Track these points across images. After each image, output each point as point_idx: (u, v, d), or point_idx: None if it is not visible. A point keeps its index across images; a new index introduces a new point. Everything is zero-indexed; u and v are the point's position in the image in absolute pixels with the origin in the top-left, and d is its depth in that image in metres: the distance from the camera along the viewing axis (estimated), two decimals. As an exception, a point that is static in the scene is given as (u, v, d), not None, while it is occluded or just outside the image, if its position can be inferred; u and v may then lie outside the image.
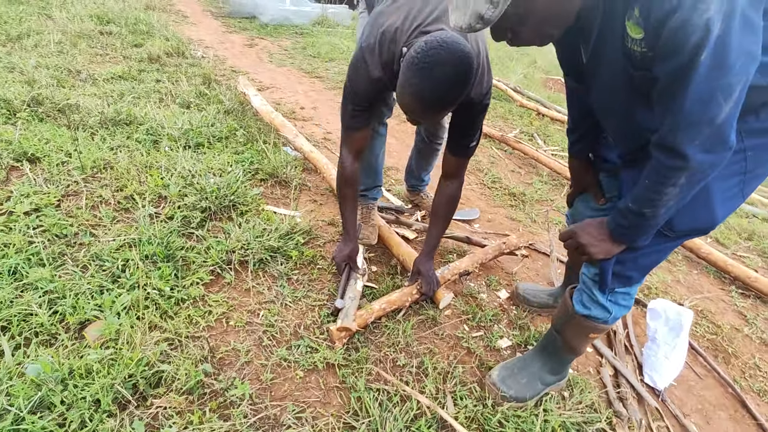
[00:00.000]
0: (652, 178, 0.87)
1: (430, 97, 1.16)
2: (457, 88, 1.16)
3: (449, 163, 1.57)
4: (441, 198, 1.62)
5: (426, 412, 1.27)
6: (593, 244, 1.07)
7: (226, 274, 1.67)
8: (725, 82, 0.73)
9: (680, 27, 0.71)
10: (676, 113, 0.78)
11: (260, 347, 1.43)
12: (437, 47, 1.11)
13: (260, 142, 2.54)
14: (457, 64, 1.12)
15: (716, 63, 0.72)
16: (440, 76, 1.12)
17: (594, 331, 1.27)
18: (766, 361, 1.76)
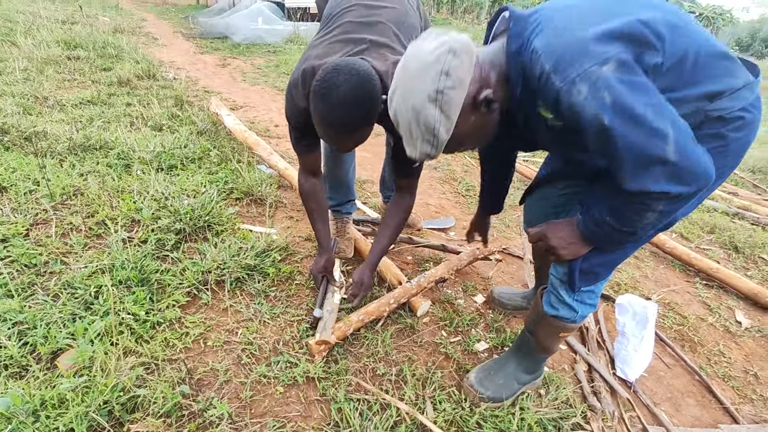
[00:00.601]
0: (628, 205, 0.93)
1: (334, 122, 1.18)
2: (358, 108, 1.17)
3: (398, 182, 1.61)
4: (391, 209, 1.62)
5: (405, 418, 1.29)
6: (563, 246, 1.12)
7: (203, 294, 1.67)
8: (648, 128, 0.81)
9: (569, 110, 0.85)
10: (625, 164, 0.85)
11: (239, 365, 1.43)
12: (331, 71, 1.15)
13: (234, 162, 2.56)
14: (354, 85, 1.14)
15: (625, 120, 0.81)
16: (337, 99, 1.14)
17: (564, 331, 1.32)
18: (729, 347, 1.85)
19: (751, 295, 2.14)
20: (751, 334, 1.94)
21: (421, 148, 0.99)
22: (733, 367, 1.75)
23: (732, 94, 0.92)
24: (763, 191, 3.59)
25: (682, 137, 0.83)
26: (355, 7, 1.49)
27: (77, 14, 7.43)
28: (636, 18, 0.84)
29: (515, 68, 0.94)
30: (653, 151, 0.82)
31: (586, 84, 0.81)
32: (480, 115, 0.98)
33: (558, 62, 0.84)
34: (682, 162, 0.83)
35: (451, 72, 0.90)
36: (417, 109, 0.94)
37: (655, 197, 0.87)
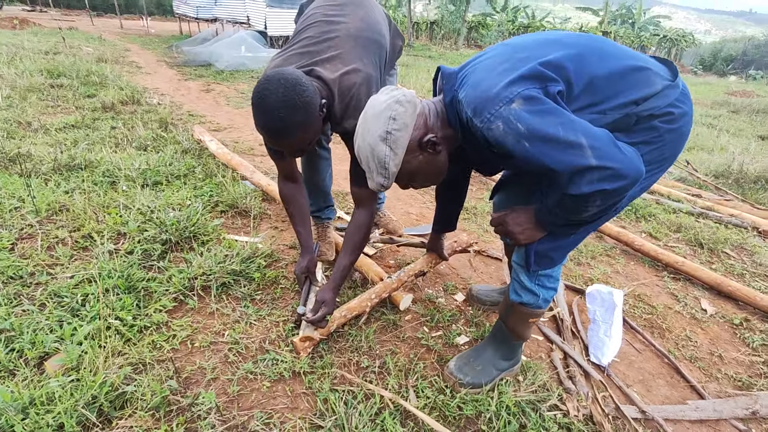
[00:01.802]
0: (571, 202, 1.04)
1: (272, 127, 1.27)
2: (289, 114, 1.24)
3: (354, 193, 1.61)
4: (350, 228, 1.62)
5: (389, 404, 1.34)
6: (519, 231, 1.23)
7: (189, 300, 1.71)
8: (564, 143, 0.94)
9: (496, 143, 1.02)
10: (560, 176, 0.99)
11: (226, 364, 1.47)
12: (264, 82, 1.24)
13: (219, 176, 2.63)
14: (282, 93, 1.22)
15: (542, 141, 0.96)
16: (270, 106, 1.23)
17: (531, 316, 1.41)
18: (695, 332, 1.95)
19: (714, 285, 2.26)
20: (716, 320, 2.05)
21: (377, 179, 1.19)
22: (699, 350, 1.84)
23: (655, 95, 1.06)
24: (725, 193, 3.79)
25: (598, 142, 0.95)
26: (317, 23, 1.59)
27: (60, 45, 7.53)
28: (537, 62, 1.02)
29: (452, 115, 1.15)
30: (576, 161, 0.95)
31: (500, 120, 0.98)
32: (426, 155, 1.17)
33: (475, 109, 1.03)
34: (605, 163, 0.95)
35: (397, 117, 1.11)
36: (372, 146, 1.14)
37: (593, 196, 0.99)
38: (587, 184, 0.97)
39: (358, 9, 1.65)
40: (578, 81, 1.04)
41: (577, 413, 1.43)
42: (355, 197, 1.63)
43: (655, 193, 3.66)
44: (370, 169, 1.19)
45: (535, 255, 1.27)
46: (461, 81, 1.12)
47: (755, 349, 1.88)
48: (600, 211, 1.06)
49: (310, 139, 1.36)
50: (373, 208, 1.65)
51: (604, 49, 1.10)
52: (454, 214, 1.80)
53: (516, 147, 0.99)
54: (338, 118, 1.45)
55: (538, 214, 1.20)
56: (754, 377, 1.72)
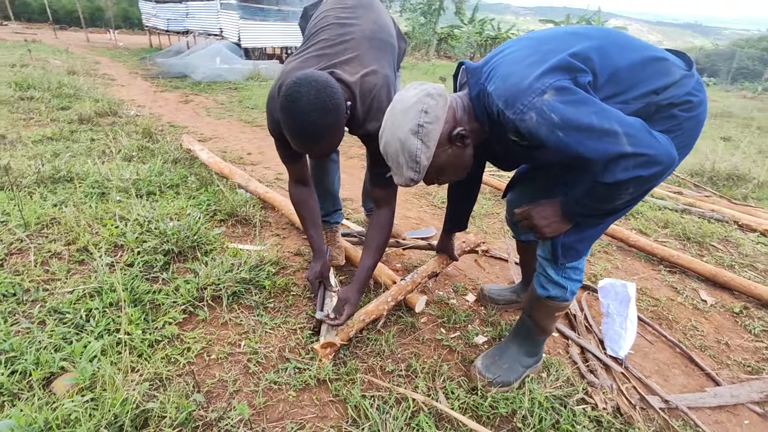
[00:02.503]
0: (605, 190, 1.05)
1: (302, 130, 1.24)
2: (319, 117, 1.22)
3: (374, 194, 1.61)
4: (372, 228, 1.62)
5: (423, 407, 1.31)
6: (545, 224, 1.24)
7: (200, 311, 1.64)
8: (599, 131, 0.95)
9: (530, 134, 1.02)
10: (595, 165, 0.99)
11: (247, 375, 1.40)
12: (293, 85, 1.21)
13: (215, 185, 2.55)
14: (313, 97, 1.20)
15: (576, 131, 0.96)
16: (299, 111, 1.21)
17: (558, 310, 1.41)
18: (700, 322, 2.01)
19: (710, 277, 2.35)
20: (716, 309, 2.12)
21: (407, 174, 1.18)
22: (706, 339, 1.90)
23: (673, 84, 1.09)
24: (703, 190, 3.97)
25: (632, 130, 0.97)
26: (331, 26, 1.58)
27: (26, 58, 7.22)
28: (566, 53, 1.03)
29: (479, 109, 1.16)
30: (611, 149, 0.96)
31: (534, 111, 0.99)
32: (455, 148, 1.17)
33: (507, 101, 1.03)
34: (640, 150, 0.96)
35: (429, 110, 1.11)
36: (402, 141, 1.13)
37: (628, 183, 1.00)
38: (623, 171, 0.98)
39: (369, 12, 1.65)
40: (602, 72, 1.06)
41: (605, 405, 1.44)
42: (375, 198, 1.62)
43: (639, 192, 3.79)
44: (399, 164, 1.17)
45: (562, 248, 1.28)
46: (488, 75, 1.12)
47: (757, 335, 1.95)
48: (632, 198, 1.07)
49: (337, 141, 1.34)
50: (393, 208, 1.64)
51: (624, 41, 1.12)
52: (465, 213, 1.80)
53: (550, 137, 1.00)
54: (361, 120, 1.43)
55: (564, 207, 1.21)
56: (761, 362, 1.78)
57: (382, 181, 1.56)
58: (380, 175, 1.53)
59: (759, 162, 5.00)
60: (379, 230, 1.61)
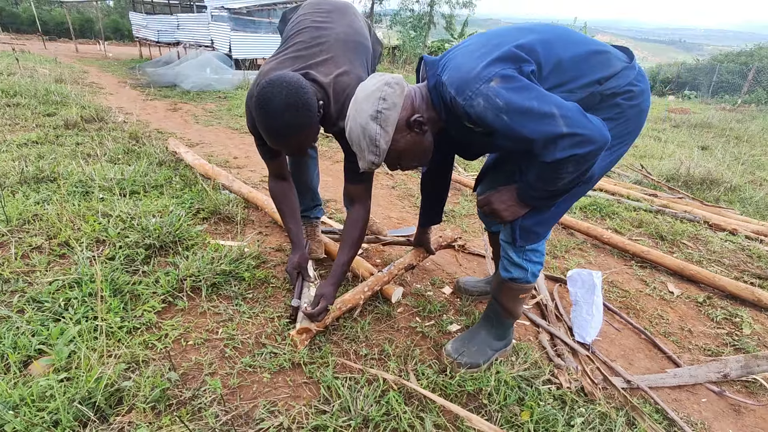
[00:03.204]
0: (548, 171, 1.13)
1: (274, 129, 1.31)
2: (291, 116, 1.29)
3: (349, 189, 1.66)
4: (348, 224, 1.66)
5: (393, 386, 1.36)
6: (504, 208, 1.32)
7: (179, 301, 1.67)
8: (538, 114, 1.04)
9: (478, 119, 1.09)
10: (536, 145, 1.08)
11: (223, 359, 1.44)
12: (266, 86, 1.29)
13: (199, 185, 2.60)
14: (285, 96, 1.27)
15: (519, 114, 1.05)
16: (273, 110, 1.28)
17: (521, 292, 1.48)
18: (666, 311, 2.09)
19: (678, 270, 2.44)
20: (682, 300, 2.21)
21: (368, 158, 1.25)
22: (671, 326, 1.98)
23: (615, 75, 1.19)
24: (677, 192, 4.10)
25: (568, 113, 1.05)
26: (307, 29, 1.66)
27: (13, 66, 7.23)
28: (512, 45, 1.12)
29: (436, 98, 1.24)
30: (550, 130, 1.04)
31: (481, 97, 1.07)
32: (414, 134, 1.25)
33: (458, 88, 1.11)
34: (574, 130, 1.05)
35: (386, 97, 1.20)
36: (363, 126, 1.21)
37: (567, 161, 1.08)
38: (561, 150, 1.06)
39: (343, 16, 1.74)
40: (547, 63, 1.15)
41: (569, 385, 1.50)
42: (350, 194, 1.67)
43: (616, 194, 3.90)
44: (362, 148, 1.25)
45: (521, 230, 1.36)
46: (443, 66, 1.21)
47: (719, 322, 2.03)
48: (574, 178, 1.13)
49: (311, 139, 1.41)
50: (368, 204, 1.69)
51: (568, 36, 1.22)
52: (439, 205, 1.88)
53: (496, 121, 1.08)
54: (334, 118, 1.50)
55: (519, 191, 1.29)
56: (720, 346, 1.86)
57: (355, 177, 1.63)
58: (353, 171, 1.60)
59: (732, 167, 5.17)
60: (354, 226, 1.66)
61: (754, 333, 1.96)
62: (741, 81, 15.14)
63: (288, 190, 1.78)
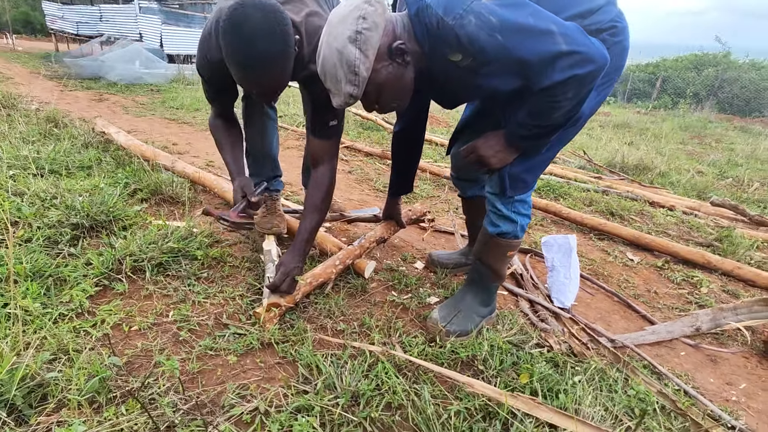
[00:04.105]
0: (544, 100, 1.05)
1: (249, 57, 1.10)
2: (272, 39, 1.11)
3: (313, 147, 1.48)
4: (311, 188, 1.49)
5: (381, 358, 1.21)
6: (492, 154, 1.23)
7: (117, 284, 1.41)
8: (536, 31, 0.96)
9: (469, 41, 1.00)
10: (532, 68, 1.00)
11: (177, 343, 1.22)
12: (237, 6, 1.08)
13: (135, 164, 2.28)
14: (263, 16, 1.08)
15: (515, 32, 0.97)
16: (247, 34, 1.07)
17: (509, 248, 1.41)
18: (631, 276, 2.13)
19: (633, 240, 2.52)
20: (643, 265, 2.27)
21: (345, 89, 1.08)
22: (638, 289, 2.01)
23: (598, 11, 1.15)
24: (618, 175, 4.36)
25: (568, 30, 0.99)
26: None
27: None
28: None
29: (419, 27, 1.09)
30: (548, 48, 0.97)
31: (472, 15, 0.98)
32: (396, 66, 1.11)
33: (446, 7, 1.01)
34: (575, 48, 0.98)
35: (367, 16, 1.04)
36: (340, 50, 1.05)
37: (566, 84, 1.00)
38: (560, 71, 0.98)
39: None
40: None
41: (559, 347, 1.44)
42: (314, 152, 1.50)
43: (564, 177, 4.05)
44: (338, 79, 1.08)
45: (510, 178, 1.27)
46: None
47: (679, 284, 2.11)
48: (572, 107, 1.06)
49: (286, 78, 1.22)
50: (334, 164, 1.53)
51: None
52: (411, 172, 1.77)
53: (489, 41, 0.98)
54: (305, 61, 1.33)
55: (507, 134, 1.20)
56: (685, 304, 1.92)
57: (323, 131, 1.46)
58: (321, 123, 1.45)
59: (658, 158, 5.62)
60: (318, 189, 1.47)
61: (710, 291, 2.05)
62: (650, 89, 16.74)
63: (231, 124, 1.60)
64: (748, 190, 4.62)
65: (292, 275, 1.37)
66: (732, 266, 2.24)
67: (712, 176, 4.98)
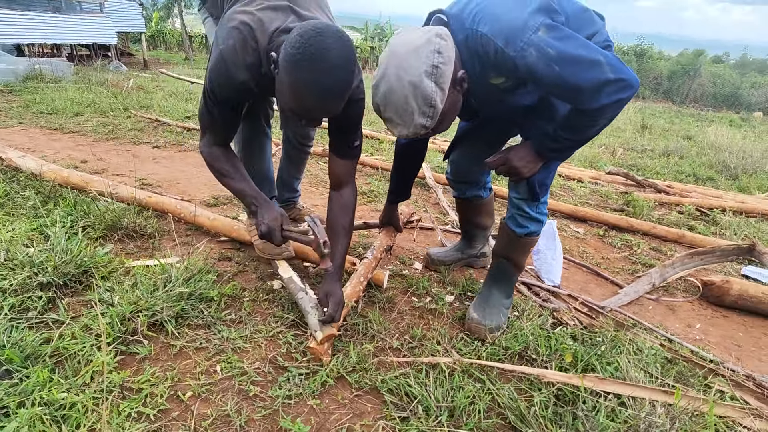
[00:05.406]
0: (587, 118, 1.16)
1: (329, 87, 1.07)
2: (349, 69, 1.09)
3: (337, 168, 1.46)
4: (337, 210, 1.46)
5: (455, 367, 1.26)
6: (523, 165, 1.35)
7: (136, 347, 1.21)
8: (587, 62, 1.07)
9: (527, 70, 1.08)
10: (583, 93, 1.09)
11: (249, 399, 1.11)
12: (315, 35, 1.03)
13: (71, 197, 1.91)
14: (342, 47, 1.06)
15: (570, 63, 1.06)
16: (331, 64, 1.04)
17: (532, 245, 1.56)
18: (584, 247, 2.48)
19: (571, 213, 2.92)
20: (589, 236, 2.66)
21: (418, 121, 1.11)
22: (594, 258, 2.36)
23: (597, 32, 1.32)
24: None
25: (611, 59, 1.13)
26: None
27: None
28: None
29: (466, 52, 1.16)
30: (599, 76, 1.09)
31: (533, 48, 1.06)
32: (455, 93, 1.17)
33: (507, 38, 1.08)
34: (620, 75, 1.12)
35: (442, 50, 1.08)
36: (415, 84, 1.07)
37: (610, 107, 1.13)
38: (607, 96, 1.11)
39: None
40: (565, 15, 1.19)
41: (574, 322, 1.65)
42: (338, 173, 1.46)
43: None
44: (407, 111, 1.10)
45: (539, 185, 1.41)
46: (473, 19, 1.14)
47: (620, 248, 2.52)
48: (606, 123, 1.22)
49: None
50: (355, 186, 1.52)
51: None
52: (412, 179, 1.81)
53: (546, 71, 1.07)
54: None
55: (537, 146, 1.32)
56: (631, 265, 2.31)
57: (348, 152, 1.44)
58: (347, 144, 1.42)
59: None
60: (346, 212, 1.47)
61: (643, 250, 2.50)
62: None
63: (231, 152, 1.46)
64: (615, 156, 5.59)
65: (343, 303, 1.33)
66: (649, 227, 2.75)
67: (596, 146, 5.88)
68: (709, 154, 6.07)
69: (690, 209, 3.26)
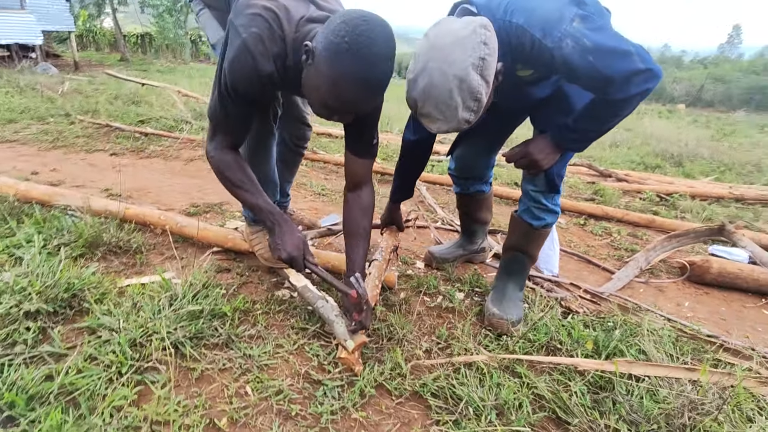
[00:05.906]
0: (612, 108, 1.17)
1: (377, 80, 1.02)
2: (390, 66, 1.04)
3: (356, 168, 1.40)
4: (356, 212, 1.41)
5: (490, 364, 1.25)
6: (543, 157, 1.36)
7: (153, 375, 1.09)
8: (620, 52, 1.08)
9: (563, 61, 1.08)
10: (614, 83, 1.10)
11: (290, 419, 1.03)
12: (362, 23, 0.97)
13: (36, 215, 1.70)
14: (387, 35, 1.01)
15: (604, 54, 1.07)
16: (377, 55, 0.99)
17: (546, 236, 1.59)
18: (570, 236, 2.58)
19: (551, 205, 3.03)
20: (570, 226, 2.77)
21: (462, 115, 1.09)
22: (581, 247, 2.46)
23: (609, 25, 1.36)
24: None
25: (640, 50, 1.16)
26: None
27: None
28: None
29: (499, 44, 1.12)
30: (630, 67, 1.11)
31: (569, 38, 1.08)
32: (494, 85, 1.14)
33: (544, 29, 1.09)
34: (649, 66, 1.14)
35: (488, 42, 1.06)
36: (461, 77, 1.04)
37: (638, 96, 1.15)
38: (636, 86, 1.13)
39: None
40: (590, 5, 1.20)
41: (582, 310, 1.70)
42: (356, 173, 1.41)
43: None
44: (449, 106, 1.07)
45: (557, 177, 1.43)
46: (505, 10, 1.14)
47: (601, 235, 2.64)
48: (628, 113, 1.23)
49: None
50: (372, 186, 1.48)
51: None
52: (415, 179, 1.79)
53: (581, 62, 1.08)
54: None
55: (556, 138, 1.34)
56: (614, 251, 2.43)
57: (367, 150, 1.39)
58: (367, 142, 1.37)
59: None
60: (365, 213, 1.43)
61: (621, 237, 2.64)
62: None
63: (242, 159, 1.35)
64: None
65: (371, 308, 1.29)
66: (622, 214, 2.91)
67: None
68: (652, 143, 6.56)
69: (651, 196, 3.50)
